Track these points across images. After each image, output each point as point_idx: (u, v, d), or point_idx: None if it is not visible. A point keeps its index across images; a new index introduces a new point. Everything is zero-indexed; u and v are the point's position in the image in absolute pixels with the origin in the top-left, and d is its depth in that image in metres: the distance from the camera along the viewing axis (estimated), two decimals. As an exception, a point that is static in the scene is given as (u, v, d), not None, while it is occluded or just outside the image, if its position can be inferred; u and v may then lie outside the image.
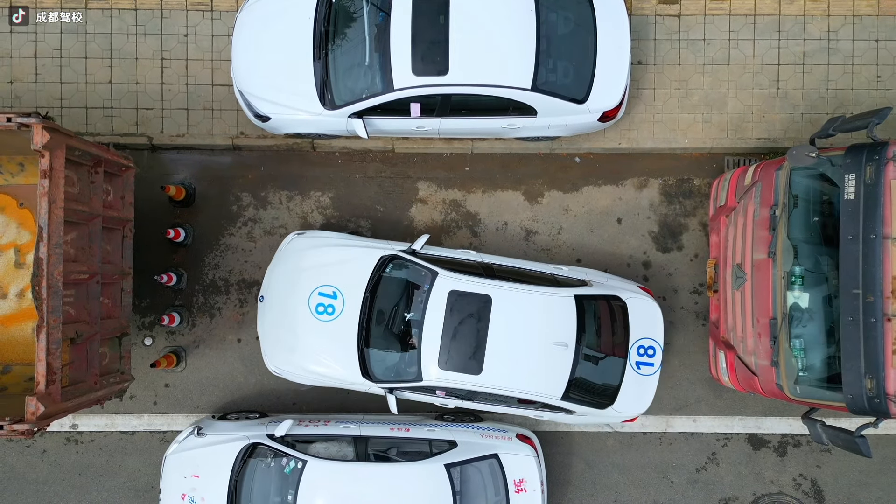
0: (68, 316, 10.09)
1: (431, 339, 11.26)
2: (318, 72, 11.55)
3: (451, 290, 11.28)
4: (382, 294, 11.54)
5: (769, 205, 10.91)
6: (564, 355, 11.32)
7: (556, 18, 11.49)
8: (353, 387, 11.70)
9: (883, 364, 9.66)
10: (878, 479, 12.96)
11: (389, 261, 11.61)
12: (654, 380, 11.86)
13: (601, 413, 11.69)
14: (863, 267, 9.78)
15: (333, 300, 11.53)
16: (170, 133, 12.72)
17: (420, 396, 11.73)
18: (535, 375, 11.28)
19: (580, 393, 11.48)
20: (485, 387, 11.24)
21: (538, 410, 11.74)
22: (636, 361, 11.77)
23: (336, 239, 11.93)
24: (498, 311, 11.25)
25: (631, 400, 11.79)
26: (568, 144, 12.88)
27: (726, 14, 12.77)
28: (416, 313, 11.39)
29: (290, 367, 11.71)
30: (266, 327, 11.79)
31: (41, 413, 9.35)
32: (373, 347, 11.50)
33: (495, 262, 11.89)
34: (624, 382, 11.71)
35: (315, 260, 11.71)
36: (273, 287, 11.79)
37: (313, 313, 11.54)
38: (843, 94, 12.75)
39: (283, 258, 11.89)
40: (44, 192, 9.45)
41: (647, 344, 11.80)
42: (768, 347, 10.77)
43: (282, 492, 11.18)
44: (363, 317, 11.47)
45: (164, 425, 12.88)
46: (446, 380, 11.24)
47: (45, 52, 12.59)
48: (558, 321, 11.35)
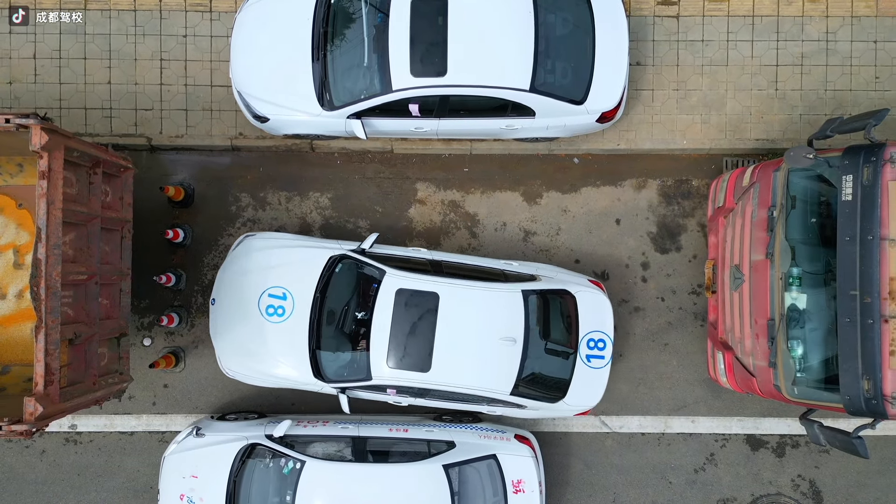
0: (67, 317, 10.09)
1: (380, 337, 11.29)
2: (316, 73, 11.56)
3: (399, 289, 11.32)
4: (332, 294, 11.57)
5: (767, 206, 10.92)
6: (513, 351, 11.36)
7: (555, 19, 11.50)
8: (306, 387, 11.73)
9: (880, 365, 9.66)
10: (877, 480, 12.96)
11: (339, 260, 11.64)
12: (605, 373, 11.88)
13: (552, 407, 11.73)
14: (860, 268, 9.79)
15: (283, 301, 11.56)
16: (169, 134, 12.73)
17: (372, 395, 11.76)
18: (483, 371, 11.33)
19: (530, 387, 11.53)
20: (434, 384, 11.29)
21: (490, 406, 11.77)
22: (586, 355, 11.79)
23: (286, 240, 11.94)
24: (445, 309, 11.29)
25: (582, 393, 11.81)
26: (566, 145, 12.89)
27: (725, 15, 12.78)
28: (365, 312, 11.42)
29: (243, 369, 11.75)
30: (218, 329, 11.80)
31: (39, 414, 9.35)
32: (324, 348, 11.54)
33: (444, 258, 11.91)
34: (574, 376, 11.74)
35: (265, 261, 11.73)
36: (224, 289, 11.80)
37: (264, 315, 11.57)
38: (842, 95, 12.75)
39: (233, 260, 11.90)
40: (42, 193, 9.45)
41: (598, 337, 11.82)
42: (766, 348, 10.77)
43: (280, 492, 11.19)
44: (314, 317, 11.51)
45: (162, 426, 12.89)
46: (395, 378, 11.29)
47: (44, 52, 12.60)
48: (506, 316, 11.39)
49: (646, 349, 13.04)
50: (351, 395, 11.75)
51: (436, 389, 11.39)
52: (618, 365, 12.99)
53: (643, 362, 13.03)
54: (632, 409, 13.02)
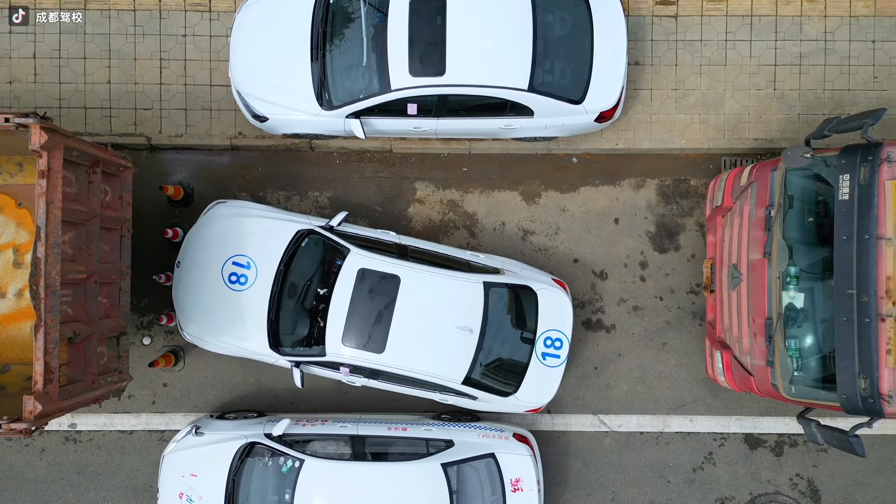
0: (66, 315, 10.11)
1: (337, 315, 11.34)
2: (315, 72, 11.58)
3: (361, 268, 11.37)
4: (296, 268, 11.63)
5: (765, 205, 10.94)
6: (468, 340, 11.41)
7: (553, 19, 11.53)
8: (262, 358, 11.78)
9: (877, 364, 9.68)
10: (875, 479, 12.98)
11: (306, 235, 11.69)
12: (559, 372, 11.91)
13: (503, 401, 11.79)
14: (857, 267, 9.81)
15: (247, 270, 11.61)
16: (168, 133, 12.75)
17: (326, 372, 11.82)
18: (437, 358, 11.38)
19: (482, 379, 11.59)
20: (387, 366, 11.34)
21: (443, 394, 11.82)
22: (542, 353, 11.82)
23: (257, 210, 11.97)
24: (405, 292, 11.34)
25: (534, 390, 11.85)
26: (565, 145, 12.91)
27: (723, 15, 12.80)
28: (326, 289, 11.47)
29: (202, 334, 11.77)
30: (181, 293, 11.83)
31: (39, 412, 9.37)
32: (282, 320, 11.59)
33: (411, 244, 11.94)
34: (528, 372, 11.78)
35: (233, 229, 11.77)
36: (190, 253, 11.84)
37: (226, 282, 11.63)
38: (840, 94, 12.77)
39: (203, 225, 11.93)
40: (41, 192, 9.47)
41: (555, 336, 11.85)
42: (764, 347, 10.79)
43: (279, 491, 11.21)
44: (275, 289, 11.56)
45: (162, 424, 12.92)
46: (349, 357, 11.35)
47: (43, 52, 12.63)
48: (465, 306, 11.44)
49: (644, 348, 13.05)
50: (305, 371, 11.80)
51: (388, 371, 11.44)
52: (616, 364, 13.02)
53: (642, 361, 13.05)
54: (630, 408, 13.04)
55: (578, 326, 13.00)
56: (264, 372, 12.87)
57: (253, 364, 12.86)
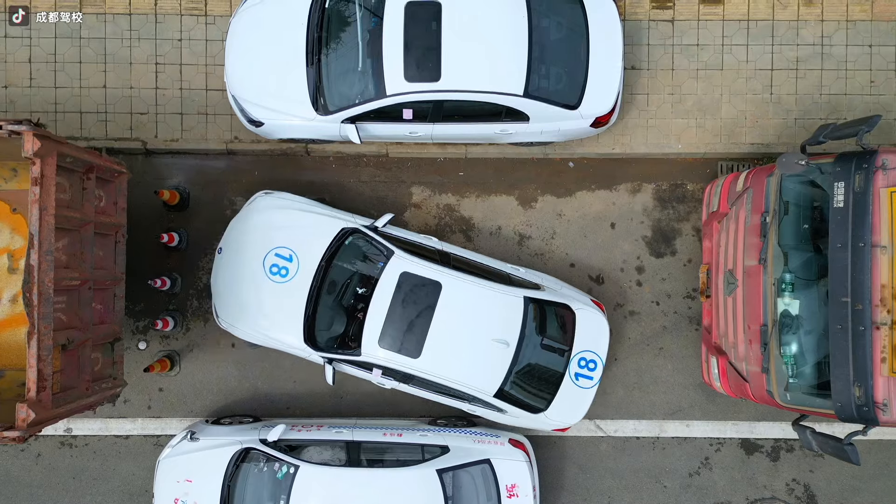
0: (60, 322, 10.10)
1: (376, 316, 11.31)
2: (311, 77, 11.56)
3: (404, 272, 11.35)
4: (337, 265, 11.59)
5: (760, 211, 10.91)
6: (504, 353, 11.38)
7: (549, 24, 11.50)
8: (294, 352, 11.74)
9: (871, 372, 9.66)
10: (871, 485, 12.96)
11: (350, 234, 11.66)
12: (591, 393, 11.87)
13: (532, 417, 11.74)
14: (851, 275, 9.78)
15: (288, 263, 11.58)
16: (164, 138, 12.74)
17: (358, 372, 11.78)
18: (472, 368, 11.35)
19: (514, 393, 11.54)
20: (421, 371, 11.31)
21: (471, 404, 11.79)
22: (576, 373, 11.79)
23: (302, 203, 11.96)
24: (446, 300, 11.32)
25: (564, 409, 11.81)
26: (561, 149, 12.89)
27: (720, 19, 12.76)
28: (366, 289, 11.45)
29: (237, 322, 11.74)
30: (219, 280, 11.83)
31: (32, 420, 9.36)
32: (319, 316, 11.56)
33: (453, 251, 11.94)
34: (560, 391, 11.74)
35: (277, 221, 11.75)
36: (232, 241, 11.83)
37: (267, 273, 11.60)
38: (837, 99, 12.74)
39: (247, 214, 11.93)
40: (35, 199, 9.46)
41: (590, 357, 11.82)
42: (759, 354, 10.77)
43: (274, 497, 11.21)
44: (315, 284, 11.53)
45: (157, 429, 12.91)
46: (384, 359, 11.32)
47: (39, 56, 12.62)
48: (504, 319, 11.41)
49: (641, 353, 13.04)
50: (337, 368, 11.77)
51: (421, 377, 11.41)
52: (613, 369, 13.00)
53: (638, 366, 13.03)
54: (627, 413, 13.02)
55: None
56: (260, 377, 12.87)
57: (248, 369, 12.86)
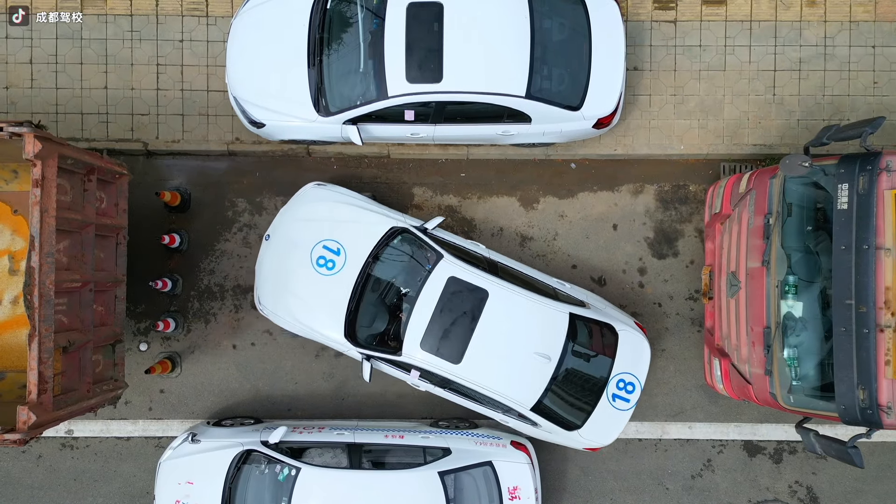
0: (60, 324, 10.08)
1: (420, 318, 11.26)
2: (312, 78, 11.53)
3: (452, 276, 11.30)
4: (384, 263, 11.56)
5: (763, 213, 10.87)
6: (545, 368, 11.31)
7: (551, 25, 11.46)
8: (333, 345, 11.70)
9: (875, 375, 9.62)
10: (874, 487, 12.93)
11: (399, 233, 11.63)
12: (626, 416, 11.81)
13: (566, 434, 11.66)
14: (855, 277, 9.74)
15: (336, 256, 11.55)
16: (165, 139, 12.71)
17: (394, 371, 11.75)
18: (511, 379, 11.28)
19: (551, 408, 11.47)
20: (460, 377, 11.25)
21: (505, 415, 11.72)
22: (613, 394, 11.71)
23: (353, 198, 11.94)
24: (492, 308, 11.26)
25: (598, 429, 11.73)
26: (563, 150, 12.85)
27: (722, 20, 12.73)
28: (411, 290, 11.41)
29: (277, 309, 11.72)
30: (264, 266, 11.84)
31: (33, 422, 9.35)
32: (362, 312, 11.51)
33: (502, 261, 11.89)
34: (596, 410, 11.66)
35: (328, 213, 11.74)
36: (281, 228, 11.84)
37: (313, 264, 11.57)
38: (840, 100, 12.70)
39: (297, 203, 11.94)
40: (36, 201, 9.44)
41: (629, 379, 11.74)
42: (762, 356, 10.74)
43: (275, 499, 11.18)
44: (360, 280, 11.48)
45: (159, 431, 12.89)
46: (424, 361, 11.27)
47: (40, 57, 12.59)
48: (548, 333, 11.34)
49: (643, 355, 13.00)
50: (374, 366, 11.74)
51: (460, 384, 11.35)
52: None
53: (640, 368, 12.99)
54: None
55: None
56: (261, 378, 12.84)
57: (249, 370, 12.83)
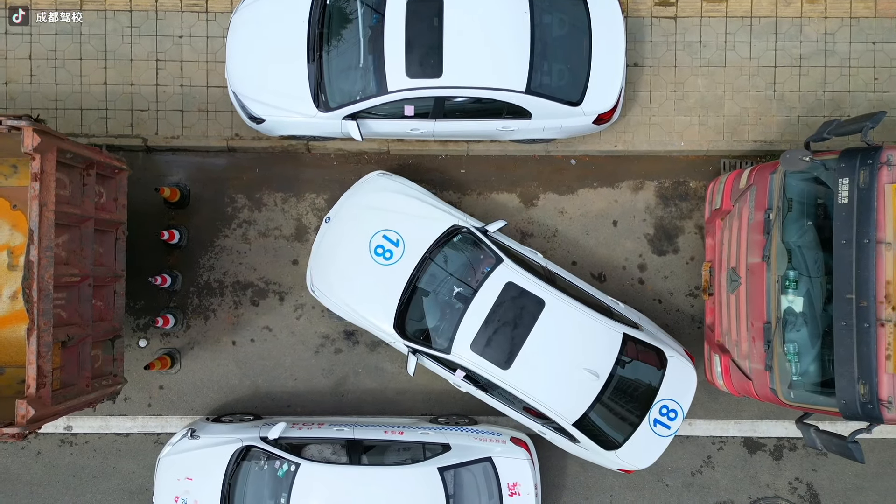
0: (59, 319, 10.06)
1: (474, 319, 11.24)
2: (312, 74, 11.51)
3: (509, 282, 11.28)
4: (442, 259, 11.55)
5: (763, 208, 10.86)
6: (592, 385, 11.25)
7: (551, 20, 11.45)
8: (380, 334, 11.70)
9: (876, 369, 9.61)
10: (875, 483, 12.91)
11: (459, 231, 11.64)
12: (665, 443, 11.74)
13: (603, 453, 11.59)
14: (856, 272, 9.73)
15: (395, 247, 11.57)
16: (164, 135, 12.70)
17: (437, 368, 11.73)
18: (558, 392, 11.22)
19: (593, 426, 11.42)
20: (507, 384, 11.21)
21: (544, 426, 11.71)
22: (655, 419, 11.65)
23: (417, 192, 11.96)
24: (546, 318, 11.23)
25: (636, 452, 11.66)
26: (563, 147, 12.84)
27: (723, 16, 12.72)
28: (465, 290, 11.40)
29: (328, 292, 11.74)
30: (321, 248, 11.87)
31: (31, 416, 9.33)
32: (413, 305, 11.52)
33: (559, 272, 11.88)
34: (636, 433, 11.59)
35: (391, 203, 11.77)
36: (342, 213, 11.87)
37: (371, 252, 11.60)
38: (840, 96, 12.69)
39: (361, 190, 11.98)
40: (34, 195, 9.43)
41: (672, 406, 11.67)
42: (762, 351, 10.73)
43: (275, 495, 11.16)
44: (416, 273, 11.49)
45: (158, 427, 12.86)
46: (473, 362, 11.23)
47: (39, 53, 12.58)
48: (599, 351, 11.29)
49: (643, 351, 12.98)
50: (420, 360, 11.73)
51: (505, 389, 11.32)
52: (615, 367, 12.97)
53: (640, 364, 12.98)
54: (628, 412, 12.98)
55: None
56: (259, 375, 12.83)
57: (249, 366, 12.82)
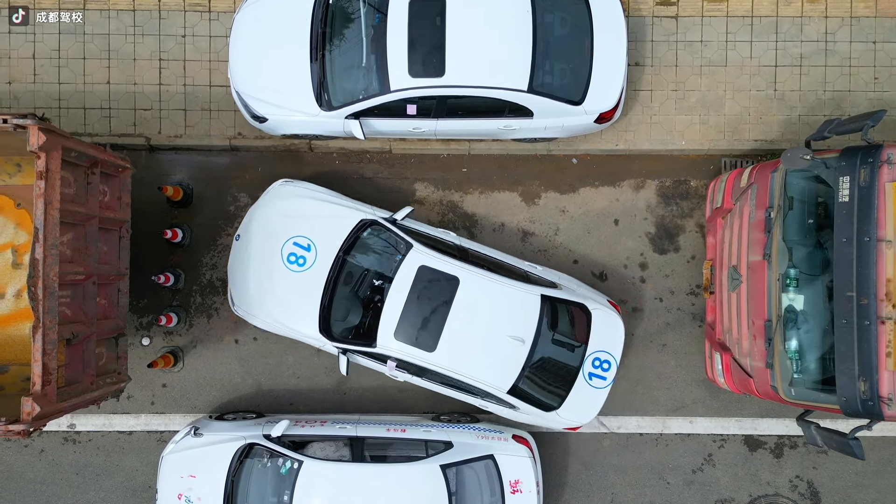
0: (64, 316, 10.10)
1: (393, 308, 11.33)
2: (314, 73, 11.56)
3: (422, 265, 11.36)
4: (355, 256, 11.63)
5: (764, 207, 10.91)
6: (519, 351, 11.37)
7: (553, 20, 11.50)
8: (309, 341, 11.76)
9: (876, 367, 9.65)
10: (875, 481, 12.96)
11: (369, 225, 11.69)
12: (604, 393, 11.88)
13: (544, 415, 11.74)
14: (857, 269, 9.77)
15: (306, 252, 11.62)
16: (167, 134, 12.74)
17: (371, 364, 11.81)
18: (486, 364, 11.35)
19: (527, 391, 11.53)
20: (435, 365, 11.32)
21: (484, 400, 11.80)
22: (589, 372, 11.78)
23: (322, 193, 11.99)
24: (463, 295, 11.32)
25: (576, 408, 11.81)
26: (565, 146, 12.89)
27: (724, 15, 12.76)
28: (383, 281, 11.47)
29: (253, 310, 11.79)
30: (236, 267, 11.88)
31: (37, 413, 9.37)
32: (335, 306, 11.58)
33: (472, 247, 11.95)
34: (573, 390, 11.74)
35: (297, 210, 11.80)
36: (251, 228, 11.88)
37: (284, 261, 11.64)
38: (841, 95, 12.74)
39: (266, 202, 11.97)
40: (40, 193, 9.47)
41: (604, 357, 11.81)
42: (763, 349, 10.77)
43: (278, 492, 11.20)
44: (332, 274, 11.55)
45: (161, 425, 12.91)
46: (400, 351, 11.33)
47: (43, 52, 12.62)
48: (520, 316, 11.41)
49: (644, 349, 13.03)
50: (351, 360, 11.80)
51: (436, 371, 11.41)
52: (616, 365, 13.02)
53: (641, 363, 13.02)
54: (630, 410, 13.02)
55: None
56: (263, 373, 12.87)
57: (252, 365, 12.86)
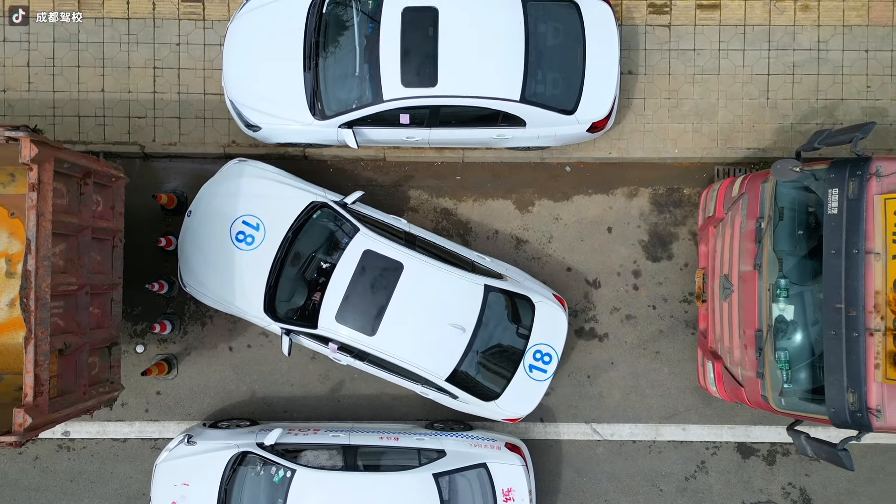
0: (57, 327, 10.12)
1: (336, 291, 11.41)
2: (308, 82, 11.59)
3: (367, 250, 11.44)
4: (303, 238, 11.70)
5: (755, 217, 10.94)
6: (459, 339, 11.47)
7: (545, 29, 11.52)
8: (254, 320, 11.85)
9: (865, 378, 9.68)
10: (867, 488, 12.99)
11: (319, 207, 11.76)
12: (543, 387, 11.97)
13: (483, 405, 11.85)
14: (845, 281, 9.80)
15: (255, 231, 11.70)
16: (162, 142, 12.77)
17: (314, 345, 11.94)
18: (426, 351, 11.45)
19: (467, 379, 11.64)
20: (375, 349, 11.40)
21: (424, 387, 11.90)
22: (530, 364, 11.88)
23: (275, 174, 12.06)
24: (406, 281, 11.40)
25: (516, 400, 11.91)
26: (558, 154, 12.91)
27: (716, 24, 12.79)
28: (330, 264, 11.54)
29: (201, 287, 11.87)
30: (186, 244, 11.94)
31: (29, 425, 9.39)
32: (280, 286, 11.66)
33: (420, 234, 12.03)
34: (513, 381, 11.84)
35: (248, 189, 11.87)
36: (202, 205, 11.95)
37: (233, 239, 11.72)
38: (833, 104, 12.76)
39: (220, 179, 12.05)
40: (32, 204, 9.49)
41: (546, 350, 11.90)
42: (754, 359, 10.80)
43: (271, 500, 11.24)
44: (279, 255, 11.63)
45: (155, 433, 12.94)
46: (339, 333, 11.42)
47: (37, 61, 12.64)
48: (463, 305, 11.50)
49: (637, 357, 13.07)
50: (294, 341, 11.91)
51: (375, 355, 11.50)
52: (609, 372, 13.03)
53: (634, 370, 13.06)
54: (623, 417, 13.06)
55: (571, 335, 12.98)
56: (257, 381, 12.90)
57: (246, 372, 12.89)
